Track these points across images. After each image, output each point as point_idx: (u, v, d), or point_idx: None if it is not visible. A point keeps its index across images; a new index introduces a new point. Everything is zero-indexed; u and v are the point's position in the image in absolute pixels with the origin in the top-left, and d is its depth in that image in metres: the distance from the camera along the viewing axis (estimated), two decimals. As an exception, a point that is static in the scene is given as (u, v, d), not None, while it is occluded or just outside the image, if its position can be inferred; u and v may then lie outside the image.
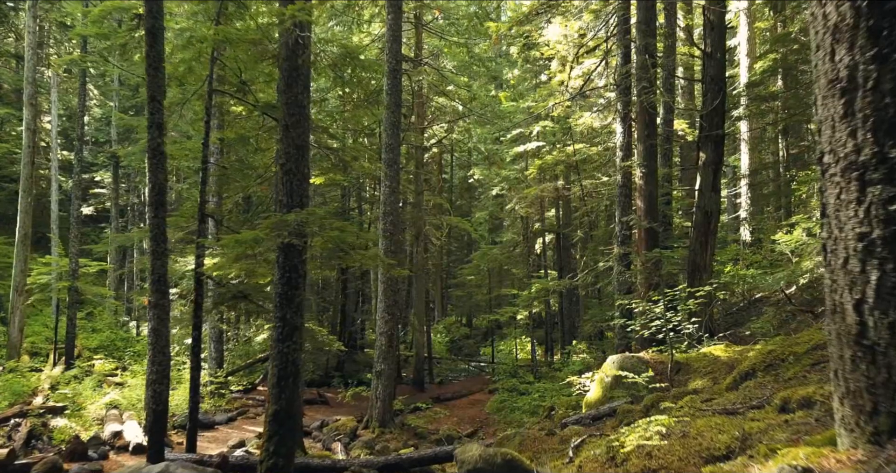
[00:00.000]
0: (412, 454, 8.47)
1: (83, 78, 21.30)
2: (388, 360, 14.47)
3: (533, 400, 16.78)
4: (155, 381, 8.19)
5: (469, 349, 32.25)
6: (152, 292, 8.37)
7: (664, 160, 16.84)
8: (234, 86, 10.32)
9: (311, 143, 11.04)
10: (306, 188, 7.16)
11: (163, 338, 8.34)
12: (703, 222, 12.35)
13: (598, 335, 19.10)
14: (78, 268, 19.79)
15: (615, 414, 7.63)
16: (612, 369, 8.74)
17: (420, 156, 21.81)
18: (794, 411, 3.49)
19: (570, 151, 19.48)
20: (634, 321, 10.62)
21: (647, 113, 12.83)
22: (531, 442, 7.21)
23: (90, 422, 12.57)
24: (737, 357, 7.89)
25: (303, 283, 7.07)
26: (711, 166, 12.43)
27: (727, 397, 4.96)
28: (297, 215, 6.60)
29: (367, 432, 14.17)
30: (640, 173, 12.88)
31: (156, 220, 8.44)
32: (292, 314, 6.93)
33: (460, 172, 38.79)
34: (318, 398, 18.49)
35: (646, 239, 12.81)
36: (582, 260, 23.96)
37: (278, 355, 6.87)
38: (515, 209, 24.82)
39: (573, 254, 26.00)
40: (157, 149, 8.46)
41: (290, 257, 6.93)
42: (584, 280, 16.28)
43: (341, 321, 26.71)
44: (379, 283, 14.50)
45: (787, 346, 5.61)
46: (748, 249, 23.30)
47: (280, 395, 6.78)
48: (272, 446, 6.66)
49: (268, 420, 6.75)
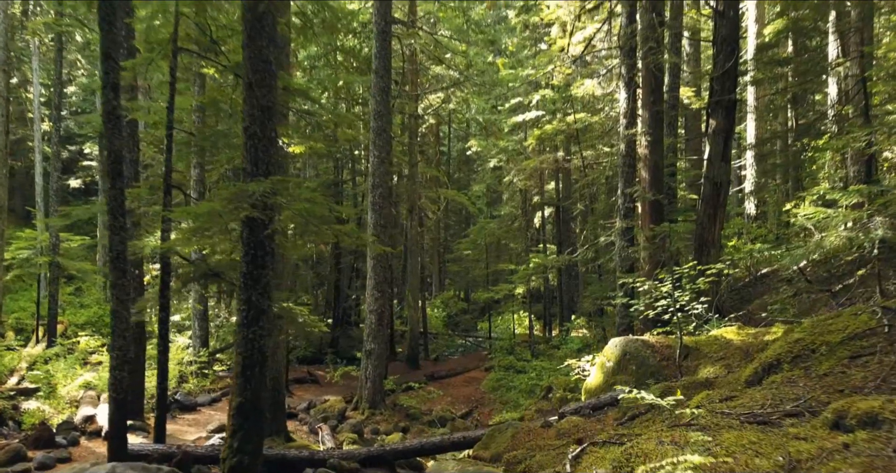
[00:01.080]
0: (396, 445, 7.83)
1: (59, 44, 20.29)
2: (378, 339, 13.83)
3: (530, 379, 16.21)
4: (116, 367, 7.49)
5: (466, 324, 31.70)
6: (111, 271, 7.63)
7: (669, 129, 15.99)
8: (203, 45, 9.44)
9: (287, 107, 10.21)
10: (273, 155, 6.36)
11: (123, 321, 7.62)
12: (712, 193, 11.58)
13: (599, 312, 18.45)
14: (59, 242, 19.03)
15: (617, 404, 6.96)
16: (614, 352, 8.06)
17: (414, 125, 20.91)
18: (854, 430, 2.78)
19: (571, 120, 18.59)
20: (638, 301, 9.91)
21: (654, 76, 11.96)
22: (525, 436, 6.55)
23: (64, 405, 11.95)
24: (752, 342, 7.20)
25: (270, 261, 6.32)
26: (722, 134, 11.60)
27: (750, 395, 4.25)
28: (259, 185, 5.83)
29: (356, 413, 13.60)
30: (644, 142, 12.05)
31: (113, 192, 7.65)
32: (258, 296, 6.20)
33: (458, 145, 37.87)
34: (308, 377, 17.91)
35: (650, 212, 12.05)
36: (582, 234, 23.24)
37: (243, 341, 6.16)
38: (514, 182, 24.00)
39: (573, 228, 25.26)
40: (112, 112, 7.63)
41: (255, 233, 6.18)
42: (584, 256, 15.56)
43: (335, 297, 26.08)
44: (369, 259, 13.77)
45: (817, 334, 4.89)
46: (753, 223, 22.58)
47: (245, 386, 6.08)
48: (236, 442, 5.99)
49: (231, 414, 6.07)
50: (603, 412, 7.04)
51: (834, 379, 4.01)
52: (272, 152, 6.38)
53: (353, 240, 6.94)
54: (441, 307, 32.30)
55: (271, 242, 6.32)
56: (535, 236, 27.39)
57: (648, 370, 7.56)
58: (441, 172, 25.08)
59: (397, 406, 14.48)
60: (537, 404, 14.05)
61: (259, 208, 5.96)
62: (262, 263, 6.26)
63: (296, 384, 17.09)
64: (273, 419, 10.78)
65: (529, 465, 5.30)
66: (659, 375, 7.46)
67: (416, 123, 20.92)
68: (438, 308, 32.04)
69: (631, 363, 7.72)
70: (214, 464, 7.80)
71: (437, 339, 27.53)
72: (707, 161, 11.84)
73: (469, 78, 21.67)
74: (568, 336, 18.49)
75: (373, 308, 13.75)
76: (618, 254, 12.60)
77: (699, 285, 8.00)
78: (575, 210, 23.90)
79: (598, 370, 8.23)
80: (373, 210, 13.68)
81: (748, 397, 4.20)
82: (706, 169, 11.91)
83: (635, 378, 7.58)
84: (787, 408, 3.59)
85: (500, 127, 26.50)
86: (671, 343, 7.85)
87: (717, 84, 10.58)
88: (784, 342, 5.07)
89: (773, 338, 7.07)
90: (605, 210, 20.06)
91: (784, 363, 4.86)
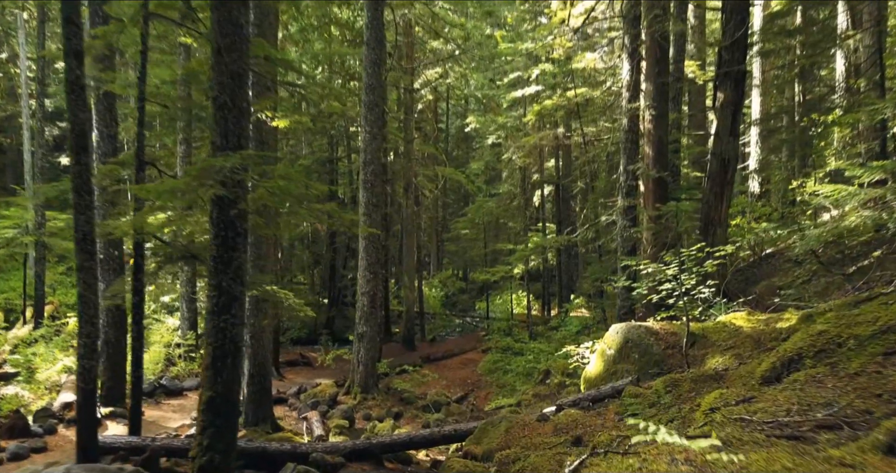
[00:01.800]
0: (384, 438, 7.39)
1: (42, 15, 19.54)
2: (370, 322, 13.37)
3: (527, 362, 15.81)
4: (84, 356, 7.02)
5: (464, 304, 31.31)
6: (77, 253, 7.11)
7: (673, 104, 15.35)
8: (181, 11, 8.79)
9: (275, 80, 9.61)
10: (245, 127, 5.80)
11: (91, 306, 7.13)
12: (719, 170, 11.02)
13: (599, 294, 17.99)
14: (45, 221, 18.49)
15: (620, 396, 6.50)
16: (615, 340, 7.58)
17: (410, 100, 20.22)
18: (918, 459, 2.32)
19: (571, 95, 17.92)
20: (640, 284, 9.42)
21: (658, 46, 11.32)
22: (519, 431, 6.09)
23: (43, 390, 11.53)
24: (763, 329, 6.71)
25: (243, 243, 5.80)
26: (730, 107, 11.01)
27: (771, 396, 3.76)
28: (227, 160, 5.29)
29: (348, 398, 13.19)
30: (648, 116, 11.46)
31: (78, 167, 7.10)
32: (230, 282, 5.69)
33: (457, 122, 37.16)
34: (301, 359, 17.51)
35: (654, 190, 11.50)
36: (582, 213, 22.71)
37: (213, 330, 5.66)
38: (513, 159, 23.38)
39: (573, 207, 24.72)
40: (75, 82, 7.05)
41: (224, 212, 5.64)
42: (585, 236, 15.03)
43: (330, 277, 25.64)
44: (360, 239, 13.25)
45: (843, 325, 4.39)
46: (757, 201, 22.04)
47: (216, 379, 5.60)
48: (206, 439, 5.53)
49: (201, 409, 5.60)
50: (603, 404, 6.58)
51: (868, 381, 3.52)
52: (244, 124, 5.82)
53: (335, 220, 6.41)
54: (439, 286, 31.88)
55: (243, 222, 5.79)
56: (534, 215, 26.83)
57: (652, 358, 7.08)
58: (438, 150, 24.44)
59: (391, 390, 14.08)
60: (534, 388, 13.65)
61: (229, 185, 5.43)
62: (234, 245, 5.74)
63: (287, 367, 16.70)
64: (259, 405, 10.37)
65: (523, 467, 4.84)
66: (663, 364, 6.99)
67: (411, 97, 20.24)
68: (436, 288, 31.62)
69: (633, 352, 7.24)
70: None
71: (434, 319, 27.15)
72: (714, 136, 11.26)
73: (467, 50, 20.93)
74: (567, 318, 18.05)
75: (365, 290, 13.27)
76: (619, 234, 12.08)
77: (706, 267, 7.48)
78: (575, 188, 23.33)
79: (599, 357, 7.76)
80: (365, 188, 13.12)
81: (769, 399, 3.71)
82: (713, 144, 11.33)
83: (638, 368, 7.11)
84: (818, 417, 3.11)
85: (498, 102, 25.81)
86: (676, 330, 7.37)
87: (727, 53, 9.96)
88: (805, 335, 4.57)
89: (786, 325, 6.59)
90: (607, 188, 19.49)
91: (806, 358, 4.37)
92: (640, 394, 5.92)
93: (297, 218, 6.74)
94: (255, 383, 10.31)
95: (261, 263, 10.22)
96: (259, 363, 10.36)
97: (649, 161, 11.49)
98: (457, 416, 13.02)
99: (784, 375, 4.43)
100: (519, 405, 12.57)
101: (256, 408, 10.29)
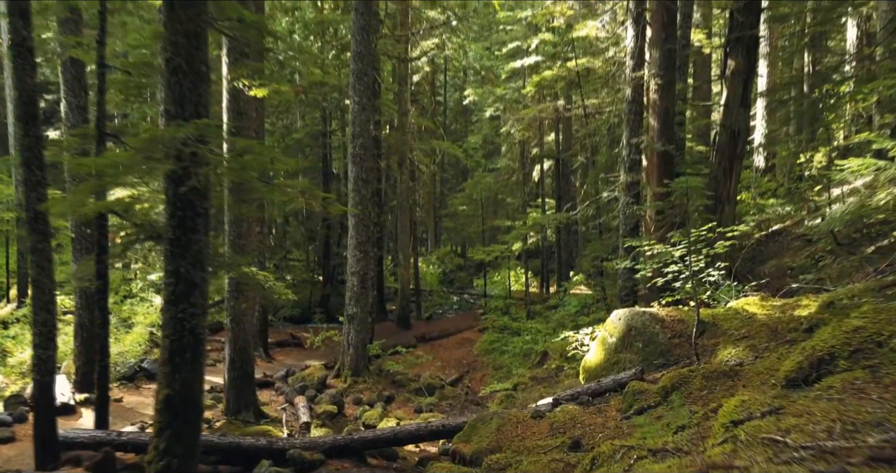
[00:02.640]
0: (366, 434, 6.87)
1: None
2: (361, 302, 12.82)
3: (525, 343, 15.31)
4: (39, 345, 6.46)
5: (462, 281, 30.78)
6: (28, 234, 6.52)
7: (679, 73, 14.58)
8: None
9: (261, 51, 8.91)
10: (204, 93, 5.14)
11: (46, 292, 6.55)
12: (729, 143, 10.37)
13: (599, 273, 17.41)
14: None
15: (622, 390, 5.95)
16: (617, 327, 7.01)
17: (404, 71, 19.40)
18: None
19: (572, 65, 17.12)
20: (643, 265, 8.82)
21: (666, 10, 10.55)
22: (512, 430, 5.55)
23: (17, 375, 11.02)
24: (779, 317, 6.13)
25: (203, 224, 5.18)
26: (741, 76, 10.31)
27: (804, 407, 3.18)
28: (179, 130, 4.64)
29: (338, 381, 12.70)
30: (654, 85, 10.74)
31: (27, 139, 6.46)
32: (188, 267, 5.09)
33: (455, 94, 36.24)
34: (291, 340, 17.00)
35: (658, 165, 10.84)
36: (582, 189, 22.04)
37: (170, 322, 5.08)
38: (512, 133, 22.63)
39: (573, 182, 24.03)
40: (21, 44, 6.36)
41: (181, 190, 5.02)
42: (585, 213, 14.39)
43: (325, 254, 25.06)
44: (350, 216, 12.62)
45: (883, 321, 3.80)
46: (763, 176, 21.37)
47: (173, 375, 5.04)
48: (164, 442, 4.98)
49: (158, 409, 5.05)
50: (604, 398, 6.03)
51: (923, 393, 2.94)
52: (202, 90, 5.15)
53: (301, 199, 5.79)
54: (437, 263, 31.33)
55: (203, 201, 5.17)
56: (533, 191, 26.13)
57: (657, 348, 6.52)
58: (434, 123, 23.65)
59: (383, 372, 13.60)
60: (532, 371, 13.15)
61: (180, 159, 4.79)
62: (193, 226, 5.13)
63: (277, 347, 16.20)
64: (241, 392, 9.87)
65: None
66: (669, 355, 6.43)
67: (406, 68, 19.41)
68: (434, 265, 31.07)
69: (637, 340, 6.68)
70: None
71: (431, 296, 26.66)
72: (724, 107, 10.57)
73: (464, 18, 20.04)
74: (566, 297, 17.50)
75: (355, 270, 12.69)
76: (621, 211, 11.46)
77: (717, 248, 6.88)
78: (575, 163, 22.61)
79: (599, 345, 7.19)
80: (353, 163, 12.45)
81: (801, 410, 3.14)
82: (722, 115, 10.65)
83: (642, 358, 6.56)
84: (869, 442, 2.54)
85: (496, 74, 24.97)
86: (684, 317, 6.80)
87: (741, 16, 9.23)
88: (838, 330, 3.98)
89: (806, 314, 6.02)
90: (608, 163, 18.79)
91: (839, 358, 3.79)
92: (645, 391, 5.37)
93: (273, 196, 6.09)
94: (237, 368, 9.79)
95: (241, 242, 9.62)
96: (240, 347, 9.82)
97: (654, 134, 10.80)
98: (451, 400, 12.55)
99: (813, 377, 3.85)
100: (515, 389, 12.08)
101: (238, 395, 9.79)
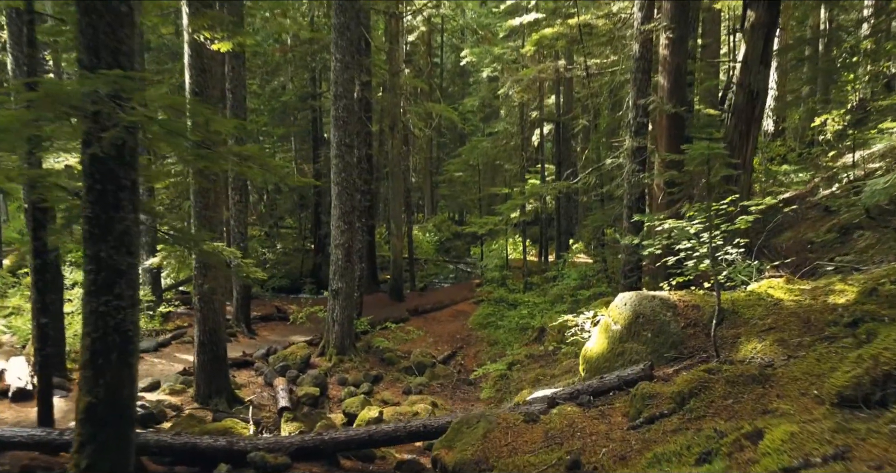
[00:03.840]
0: (338, 434, 6.11)
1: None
2: (346, 277, 12.02)
3: (521, 317, 14.57)
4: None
5: (459, 250, 29.96)
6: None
7: (690, 28, 13.51)
8: None
9: None
10: (125, 39, 4.21)
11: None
12: (746, 104, 9.42)
13: (600, 245, 16.58)
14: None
15: (629, 389, 5.16)
16: (622, 313, 6.19)
17: (395, 28, 18.22)
18: None
19: (573, 22, 15.97)
20: (651, 241, 7.96)
21: (681, -46, 9.47)
22: (501, 437, 4.77)
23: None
24: (811, 305, 5.31)
25: (130, 200, 4.31)
26: (762, 29, 9.29)
27: (879, 451, 2.39)
28: (87, 83, 3.74)
29: (322, 360, 11.98)
30: (665, 40, 9.72)
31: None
32: (111, 251, 4.23)
33: (452, 56, 34.89)
34: (277, 313, 16.25)
35: (668, 128, 9.90)
36: (584, 155, 21.06)
37: (92, 316, 4.25)
38: (510, 95, 21.46)
39: (574, 147, 23.02)
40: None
41: (100, 159, 4.13)
42: (587, 181, 13.46)
43: (315, 223, 24.19)
44: (333, 185, 11.72)
45: (970, 328, 2.97)
46: (773, 140, 20.39)
47: (96, 380, 4.23)
48: (86, 458, 4.20)
49: (79, 419, 4.26)
50: (608, 399, 5.25)
51: None
52: (123, 35, 4.21)
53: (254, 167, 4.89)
54: (433, 231, 30.49)
55: (128, 171, 4.28)
56: (532, 156, 25.10)
57: (668, 339, 5.71)
58: (429, 84, 22.53)
59: (371, 349, 12.89)
60: (528, 348, 12.44)
61: (96, 120, 3.89)
62: (116, 203, 4.25)
63: (261, 322, 15.46)
64: (212, 376, 9.13)
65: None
66: (682, 347, 5.63)
67: (397, 24, 18.23)
68: (430, 233, 30.24)
69: (645, 329, 5.87)
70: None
71: (427, 265, 25.91)
72: (742, 64, 9.57)
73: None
74: (565, 268, 16.70)
75: (339, 242, 11.86)
76: (626, 180, 10.54)
77: (738, 223, 6.01)
78: (577, 127, 21.56)
79: (602, 333, 6.39)
80: (336, 126, 11.49)
81: (878, 456, 2.34)
82: (740, 73, 9.66)
83: (650, 350, 5.76)
84: None
85: (494, 32, 23.70)
86: (699, 302, 5.97)
87: (766, -41, 8.17)
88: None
89: (843, 301, 5.18)
90: (611, 127, 17.79)
91: (914, 375, 2.97)
92: (656, 395, 4.57)
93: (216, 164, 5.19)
94: (207, 351, 9.02)
95: (207, 214, 8.74)
96: (210, 328, 9.04)
97: (664, 94, 9.83)
98: (442, 379, 11.87)
99: (877, 398, 3.04)
100: (510, 368, 11.39)
101: (209, 380, 9.05)
